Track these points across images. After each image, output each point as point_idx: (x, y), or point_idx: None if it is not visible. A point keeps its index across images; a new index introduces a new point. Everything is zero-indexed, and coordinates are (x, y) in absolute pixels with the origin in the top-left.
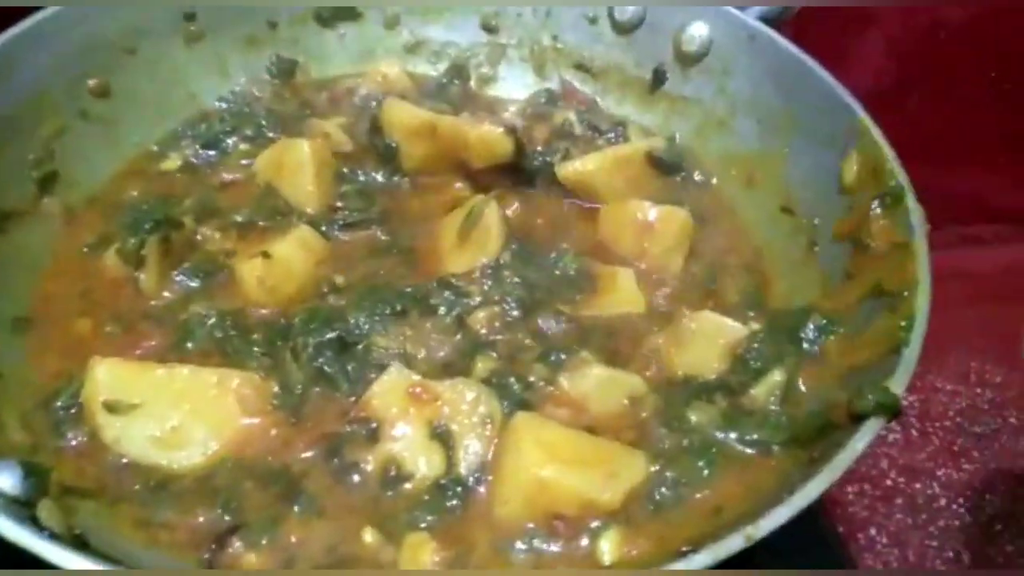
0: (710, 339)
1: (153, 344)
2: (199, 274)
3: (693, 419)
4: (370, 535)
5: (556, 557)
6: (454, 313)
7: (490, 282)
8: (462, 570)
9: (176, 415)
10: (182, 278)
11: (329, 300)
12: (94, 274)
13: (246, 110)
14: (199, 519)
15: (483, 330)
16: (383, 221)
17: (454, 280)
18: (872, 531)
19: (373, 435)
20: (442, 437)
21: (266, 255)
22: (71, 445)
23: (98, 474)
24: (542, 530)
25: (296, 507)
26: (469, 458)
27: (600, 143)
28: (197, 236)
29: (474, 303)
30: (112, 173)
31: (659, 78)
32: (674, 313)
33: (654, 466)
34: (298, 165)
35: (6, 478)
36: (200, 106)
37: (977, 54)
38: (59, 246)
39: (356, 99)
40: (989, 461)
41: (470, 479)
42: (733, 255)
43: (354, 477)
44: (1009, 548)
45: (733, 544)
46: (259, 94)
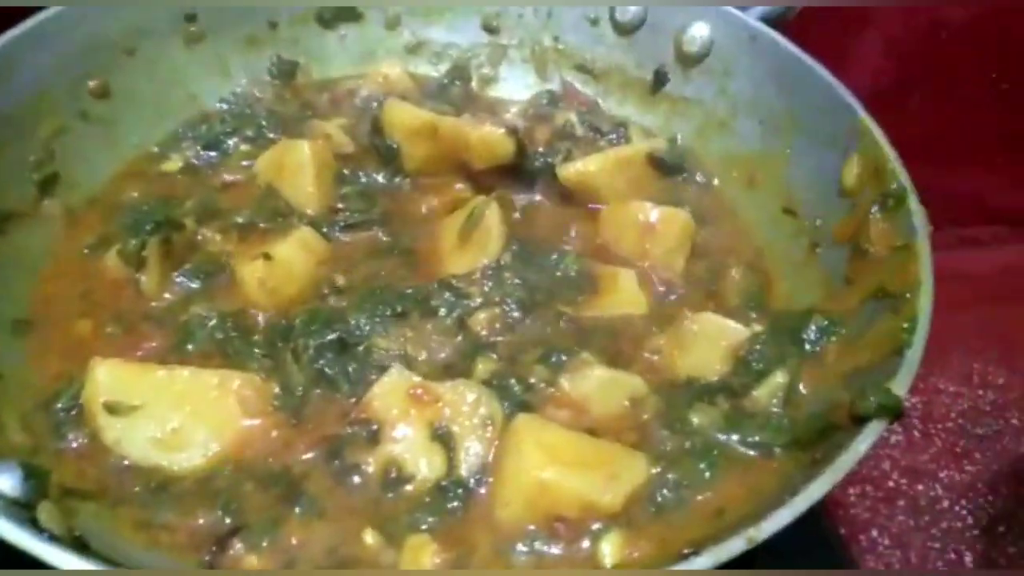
0: (712, 340)
1: (154, 345)
2: (200, 275)
3: (695, 421)
4: (371, 537)
5: (557, 559)
6: (455, 314)
7: (491, 283)
8: (462, 571)
9: (177, 416)
10: (183, 279)
11: (330, 301)
12: (95, 275)
13: (247, 111)
14: (200, 521)
15: (484, 331)
16: (384, 222)
17: (455, 281)
18: (874, 533)
19: (374, 437)
20: (443, 439)
21: (267, 256)
22: (71, 447)
23: (98, 476)
24: (543, 532)
25: (297, 509)
26: (470, 460)
27: (601, 144)
28: (198, 237)
29: (475, 304)
30: (113, 174)
31: (660, 79)
32: (675, 314)
33: (655, 468)
34: (299, 166)
35: (6, 480)
36: (201, 107)
37: (977, 54)
38: (59, 247)
39: (357, 100)
40: (991, 463)
41: (471, 481)
42: (734, 256)
43: (355, 479)
44: (1011, 550)
45: (735, 546)
46: (260, 95)
